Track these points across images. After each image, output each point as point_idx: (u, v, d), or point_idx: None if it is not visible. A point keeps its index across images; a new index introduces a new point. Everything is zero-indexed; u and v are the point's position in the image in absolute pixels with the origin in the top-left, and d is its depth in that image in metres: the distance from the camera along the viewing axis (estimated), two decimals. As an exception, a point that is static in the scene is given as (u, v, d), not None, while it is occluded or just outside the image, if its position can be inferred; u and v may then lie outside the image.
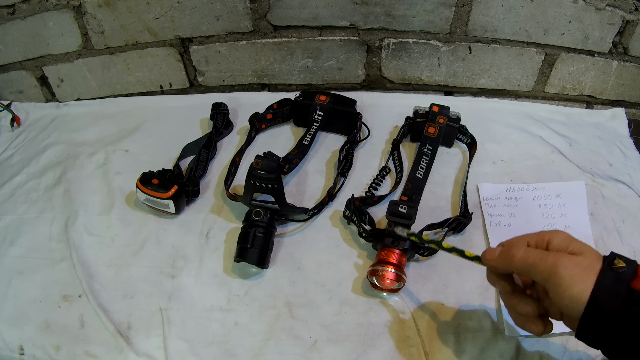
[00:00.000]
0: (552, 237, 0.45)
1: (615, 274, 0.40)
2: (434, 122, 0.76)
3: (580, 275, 0.40)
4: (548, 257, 0.42)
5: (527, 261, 0.43)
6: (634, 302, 0.39)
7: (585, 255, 0.42)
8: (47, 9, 0.82)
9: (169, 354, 0.57)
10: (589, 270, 0.41)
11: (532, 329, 0.46)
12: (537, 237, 0.46)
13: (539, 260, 0.43)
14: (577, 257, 0.42)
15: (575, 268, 0.41)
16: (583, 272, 0.40)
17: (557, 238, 0.44)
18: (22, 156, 0.83)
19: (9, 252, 0.68)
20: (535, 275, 0.43)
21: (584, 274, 0.40)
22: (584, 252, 0.42)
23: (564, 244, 0.44)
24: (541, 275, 0.42)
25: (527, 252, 0.44)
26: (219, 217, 0.71)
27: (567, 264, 0.41)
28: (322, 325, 0.59)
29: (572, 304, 0.40)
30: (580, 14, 0.78)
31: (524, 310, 0.46)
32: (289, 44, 0.87)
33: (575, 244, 0.43)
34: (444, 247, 0.51)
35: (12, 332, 0.60)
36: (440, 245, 0.52)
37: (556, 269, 0.41)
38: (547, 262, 0.42)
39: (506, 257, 0.45)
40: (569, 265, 0.41)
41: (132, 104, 0.91)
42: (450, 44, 0.85)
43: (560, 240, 0.44)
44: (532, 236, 0.46)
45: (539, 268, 0.42)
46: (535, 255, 0.43)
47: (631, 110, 0.90)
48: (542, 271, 0.42)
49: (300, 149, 0.77)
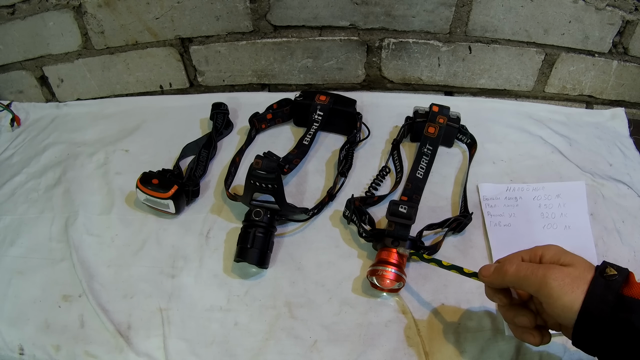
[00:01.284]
0: (545, 251, 0.47)
1: (606, 282, 0.41)
2: (434, 122, 0.76)
3: (570, 285, 0.42)
4: (538, 270, 0.44)
5: (519, 275, 0.45)
6: (623, 308, 0.40)
7: (576, 266, 0.44)
8: (47, 9, 0.82)
9: (169, 354, 0.57)
10: (579, 280, 0.42)
11: (530, 340, 0.48)
12: (531, 252, 0.48)
13: (530, 273, 0.44)
14: (567, 268, 0.43)
15: (565, 278, 0.42)
16: (573, 282, 0.42)
17: (549, 252, 0.46)
18: (22, 156, 0.83)
19: (9, 252, 0.68)
20: (527, 288, 0.45)
21: (574, 283, 0.42)
22: (574, 263, 0.44)
23: (556, 256, 0.46)
24: (533, 287, 0.44)
25: (519, 266, 0.46)
26: (219, 217, 0.71)
27: (556, 275, 0.43)
28: (322, 325, 0.59)
29: (564, 313, 0.42)
30: (580, 14, 0.78)
31: (521, 322, 0.48)
32: (289, 44, 0.87)
33: (566, 256, 0.45)
34: (444, 265, 0.55)
35: (12, 332, 0.60)
36: (441, 264, 0.55)
37: (546, 280, 0.43)
38: (538, 275, 0.44)
39: (500, 273, 0.48)
40: (558, 276, 0.42)
41: (132, 104, 0.91)
42: (450, 44, 0.85)
43: (553, 254, 0.46)
44: (526, 252, 0.48)
45: (530, 281, 0.44)
46: (526, 268, 0.45)
47: (631, 110, 0.90)
48: (533, 283, 0.44)
49: (300, 149, 0.77)
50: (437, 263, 0.55)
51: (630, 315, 0.39)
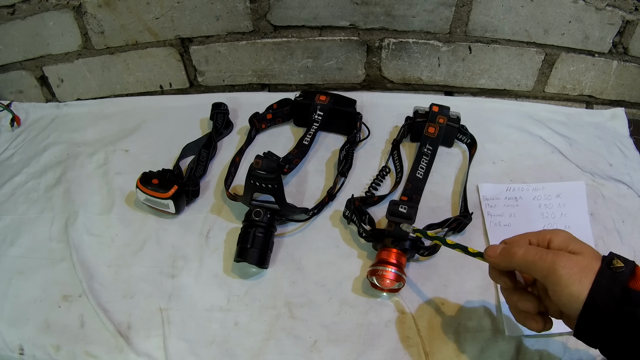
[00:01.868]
0: (554, 236, 0.45)
1: (613, 274, 0.40)
2: (434, 122, 0.76)
3: (578, 274, 0.41)
4: (547, 256, 0.43)
5: (527, 259, 0.44)
6: (629, 302, 0.39)
7: (585, 255, 0.43)
8: (47, 9, 0.82)
9: (169, 354, 0.57)
10: (587, 269, 0.41)
11: (532, 325, 0.47)
12: (539, 236, 0.46)
13: (539, 258, 0.43)
14: (576, 256, 0.42)
15: (573, 267, 0.41)
16: (581, 272, 0.41)
17: (558, 237, 0.45)
18: (22, 156, 0.83)
19: (9, 252, 0.68)
20: (534, 273, 0.44)
21: (582, 273, 0.41)
22: (583, 252, 0.43)
23: (565, 243, 0.44)
24: (540, 273, 0.43)
25: (527, 250, 0.45)
26: (219, 217, 0.71)
27: (565, 263, 0.42)
28: (322, 325, 0.59)
29: (569, 303, 0.41)
30: (580, 14, 0.78)
31: (524, 306, 0.47)
32: (289, 44, 0.87)
33: (575, 244, 0.44)
34: (448, 244, 0.53)
35: (12, 332, 0.60)
36: (445, 242, 0.53)
37: (555, 267, 0.42)
38: (547, 261, 0.43)
39: (507, 255, 0.46)
40: (567, 264, 0.42)
41: (132, 104, 0.91)
42: (450, 44, 0.85)
43: (561, 240, 0.45)
44: (534, 235, 0.47)
45: (538, 266, 0.43)
46: (535, 253, 0.44)
47: (631, 110, 0.90)
48: (541, 269, 0.43)
49: (300, 149, 0.77)
50: (440, 241, 0.54)
51: (635, 309, 0.39)
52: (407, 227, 0.59)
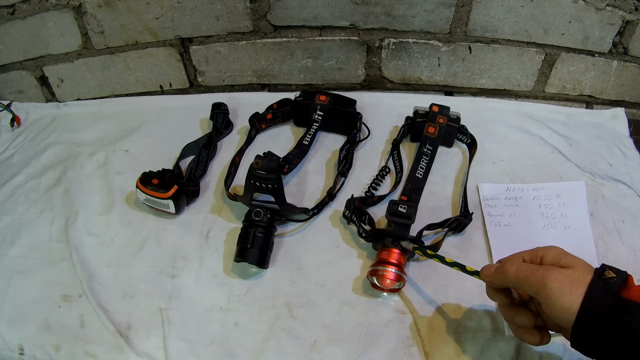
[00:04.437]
0: (546, 252, 0.47)
1: (605, 284, 0.42)
2: (434, 122, 0.76)
3: (569, 286, 0.42)
4: (538, 271, 0.44)
5: (519, 275, 0.46)
6: (622, 311, 0.40)
7: (575, 268, 0.44)
8: (47, 9, 0.82)
9: (169, 354, 0.57)
10: (578, 282, 0.42)
11: (530, 339, 0.48)
12: (532, 253, 0.48)
13: (530, 274, 0.45)
14: (566, 270, 0.44)
15: (564, 280, 0.43)
16: (572, 284, 0.42)
17: (550, 253, 0.47)
18: (22, 156, 0.83)
19: (9, 252, 0.68)
20: (527, 289, 0.46)
21: (573, 285, 0.42)
22: (574, 265, 0.44)
23: (557, 258, 0.46)
24: (532, 289, 0.45)
25: (519, 266, 0.47)
26: (219, 217, 0.71)
27: (555, 277, 0.43)
28: (322, 325, 0.59)
29: (562, 315, 0.42)
30: (580, 14, 0.78)
31: (520, 322, 0.48)
32: (289, 44, 0.87)
33: (567, 258, 0.46)
34: (447, 262, 0.55)
35: (12, 332, 0.60)
36: (444, 260, 0.55)
37: (545, 281, 0.43)
38: (537, 276, 0.44)
39: (500, 273, 0.48)
40: (557, 278, 0.43)
41: (132, 104, 0.91)
42: (450, 44, 0.85)
43: (553, 255, 0.46)
44: (528, 252, 0.49)
45: (529, 281, 0.45)
46: (526, 269, 0.46)
47: (631, 110, 0.90)
48: (532, 284, 0.45)
49: (300, 149, 0.77)
50: (440, 259, 0.55)
51: (628, 317, 0.39)
52: (407, 245, 0.59)
